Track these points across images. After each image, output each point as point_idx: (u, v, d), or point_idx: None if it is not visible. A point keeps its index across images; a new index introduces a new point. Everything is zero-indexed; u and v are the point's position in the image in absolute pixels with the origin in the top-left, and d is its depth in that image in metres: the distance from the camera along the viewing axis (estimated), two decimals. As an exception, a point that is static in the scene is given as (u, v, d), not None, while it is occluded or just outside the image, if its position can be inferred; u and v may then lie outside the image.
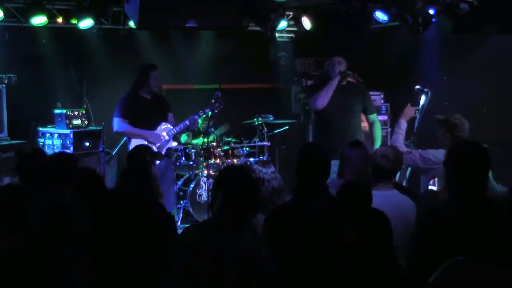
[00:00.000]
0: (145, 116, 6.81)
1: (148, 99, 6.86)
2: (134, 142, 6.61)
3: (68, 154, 4.65)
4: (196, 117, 7.15)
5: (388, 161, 4.28)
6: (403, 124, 5.59)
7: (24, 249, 2.97)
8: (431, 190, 4.90)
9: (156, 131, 6.87)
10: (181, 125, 6.99)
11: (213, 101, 7.12)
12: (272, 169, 4.46)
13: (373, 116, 6.63)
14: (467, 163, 3.14)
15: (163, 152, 6.89)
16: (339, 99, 6.37)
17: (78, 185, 3.95)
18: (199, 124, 7.76)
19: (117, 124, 6.75)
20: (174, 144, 7.17)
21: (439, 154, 5.05)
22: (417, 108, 5.90)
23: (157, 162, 5.52)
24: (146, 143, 6.43)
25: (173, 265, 3.10)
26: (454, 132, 5.09)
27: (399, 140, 5.46)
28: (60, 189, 4.10)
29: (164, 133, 6.94)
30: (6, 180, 4.57)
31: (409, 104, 5.79)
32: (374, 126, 6.59)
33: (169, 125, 6.98)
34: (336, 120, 6.36)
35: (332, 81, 6.36)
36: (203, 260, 3.03)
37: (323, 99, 6.33)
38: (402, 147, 5.36)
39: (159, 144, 6.85)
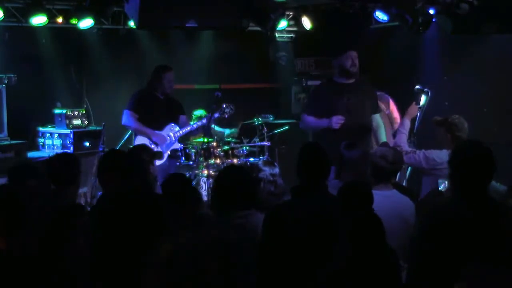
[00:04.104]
0: (154, 115, 6.87)
1: (161, 99, 6.92)
2: (139, 139, 6.72)
3: (69, 154, 4.65)
4: (213, 117, 7.23)
5: (387, 163, 4.28)
6: (407, 123, 5.57)
7: (23, 250, 2.98)
8: (438, 190, 4.88)
9: (162, 132, 6.90)
10: (188, 128, 7.05)
11: (224, 106, 7.21)
12: (277, 170, 4.44)
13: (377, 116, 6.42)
14: (473, 163, 3.14)
15: (167, 153, 6.94)
16: (349, 98, 6.05)
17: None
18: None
19: (126, 117, 6.83)
20: (179, 145, 7.20)
21: (442, 155, 5.04)
22: (420, 106, 5.87)
23: (157, 162, 5.53)
24: (149, 142, 6.59)
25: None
26: (454, 132, 5.08)
27: (403, 139, 5.44)
28: (62, 189, 4.10)
29: (171, 134, 6.98)
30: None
31: (413, 103, 5.77)
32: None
33: (176, 127, 7.01)
34: (347, 120, 5.95)
35: (325, 123, 5.95)
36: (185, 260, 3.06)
37: (307, 128, 6.39)
38: (406, 147, 5.35)
39: (164, 145, 6.87)
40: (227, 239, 3.10)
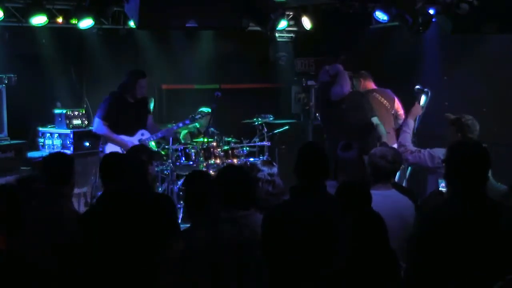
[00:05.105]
0: (125, 120, 6.81)
1: (132, 103, 6.84)
2: (110, 147, 6.65)
3: (63, 154, 4.61)
4: (175, 127, 7.30)
5: (387, 162, 4.29)
6: (411, 123, 5.57)
7: (22, 249, 2.98)
8: (439, 190, 4.87)
9: (133, 138, 6.84)
10: (159, 134, 7.04)
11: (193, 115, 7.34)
12: (275, 170, 4.44)
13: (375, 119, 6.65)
14: (468, 162, 3.13)
15: None
16: (350, 96, 6.38)
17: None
18: (181, 135, 8.08)
19: (96, 125, 6.78)
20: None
21: None
22: (423, 105, 5.88)
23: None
24: (120, 149, 6.44)
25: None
26: (466, 133, 5.04)
27: (407, 139, 5.42)
28: (57, 189, 4.09)
29: (141, 140, 6.93)
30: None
31: (416, 103, 5.77)
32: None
33: (147, 134, 6.97)
34: (350, 114, 6.32)
35: (340, 68, 6.38)
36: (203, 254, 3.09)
37: (347, 83, 6.37)
38: (411, 146, 5.34)
39: None
40: (236, 239, 3.15)
